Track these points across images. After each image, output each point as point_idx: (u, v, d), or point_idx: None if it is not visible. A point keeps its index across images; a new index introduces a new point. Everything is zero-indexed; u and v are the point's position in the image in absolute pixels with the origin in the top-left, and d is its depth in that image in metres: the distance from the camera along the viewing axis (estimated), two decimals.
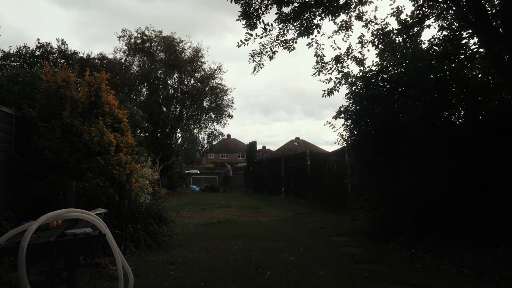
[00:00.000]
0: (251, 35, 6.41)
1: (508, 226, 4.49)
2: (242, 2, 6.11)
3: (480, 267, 4.05)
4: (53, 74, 5.66)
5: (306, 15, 6.31)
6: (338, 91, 6.86)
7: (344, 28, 6.70)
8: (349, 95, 6.61)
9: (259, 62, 6.83)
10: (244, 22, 6.28)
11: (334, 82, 6.80)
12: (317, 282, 3.94)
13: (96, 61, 16.64)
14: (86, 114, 5.62)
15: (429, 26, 6.22)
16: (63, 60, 14.57)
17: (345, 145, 7.33)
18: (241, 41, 6.38)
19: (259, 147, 39.04)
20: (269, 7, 6.23)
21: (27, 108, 5.35)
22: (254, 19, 6.29)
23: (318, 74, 7.06)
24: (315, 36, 6.63)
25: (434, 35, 6.22)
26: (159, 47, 21.67)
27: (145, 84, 20.60)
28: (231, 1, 6.08)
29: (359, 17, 6.52)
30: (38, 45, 15.77)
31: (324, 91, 6.85)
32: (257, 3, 6.16)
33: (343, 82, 6.71)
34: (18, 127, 5.09)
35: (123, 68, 19.40)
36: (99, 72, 6.04)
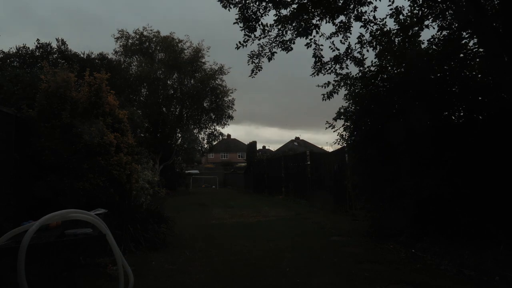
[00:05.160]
0: (250, 36, 6.39)
1: (508, 226, 4.50)
2: (239, 5, 6.07)
3: (480, 267, 4.05)
4: (53, 75, 5.65)
5: (305, 16, 6.29)
6: (337, 93, 6.83)
7: (343, 29, 6.67)
8: (348, 96, 6.61)
9: (257, 64, 6.79)
10: (242, 25, 6.25)
11: (333, 85, 6.76)
12: (317, 282, 3.94)
13: (96, 61, 16.61)
14: (86, 114, 5.61)
15: (428, 26, 6.21)
16: (63, 61, 14.54)
17: (345, 145, 7.33)
18: (240, 42, 6.35)
19: (259, 147, 38.99)
20: (267, 9, 6.20)
21: (26, 109, 5.34)
22: (253, 22, 6.26)
23: (317, 74, 7.03)
24: (314, 36, 6.61)
25: (433, 35, 6.22)
26: (158, 47, 21.67)
27: (145, 85, 20.60)
28: (227, 8, 6.03)
29: (358, 18, 6.49)
30: (38, 45, 15.74)
31: (324, 95, 6.83)
32: (255, 6, 6.13)
33: (342, 84, 6.67)
34: (18, 128, 5.08)
35: (122, 69, 19.39)
36: (99, 72, 6.03)
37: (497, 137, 4.82)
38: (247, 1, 6.08)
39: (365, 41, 6.63)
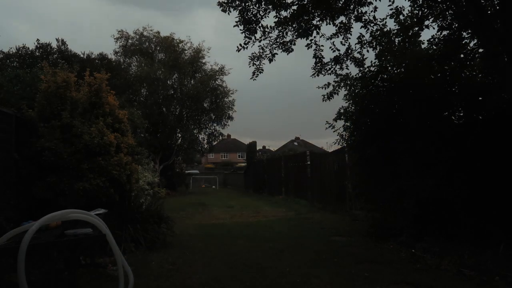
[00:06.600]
0: (250, 38, 6.37)
1: (508, 226, 4.50)
2: (239, 8, 6.06)
3: (480, 267, 4.05)
4: (53, 75, 5.65)
5: (305, 17, 6.28)
6: (337, 94, 6.82)
7: (343, 30, 6.67)
8: (348, 96, 6.61)
9: (258, 66, 6.77)
10: (242, 27, 6.24)
11: (333, 85, 6.76)
12: (318, 282, 3.94)
13: (96, 61, 16.62)
14: (86, 114, 5.61)
15: (428, 26, 6.20)
16: (63, 61, 14.54)
17: (345, 145, 7.34)
18: (240, 45, 6.34)
19: (259, 147, 38.98)
20: (267, 11, 6.19)
21: (26, 109, 5.34)
22: (253, 24, 6.25)
23: (317, 75, 7.02)
24: (314, 37, 6.60)
25: (433, 35, 6.21)
26: (158, 48, 21.67)
27: (145, 85, 20.60)
28: (226, 12, 6.02)
29: (358, 18, 6.49)
30: (38, 45, 15.74)
31: (324, 95, 6.83)
32: (255, 8, 6.12)
33: (342, 84, 6.67)
34: (18, 128, 5.07)
35: (122, 69, 19.40)
36: (99, 73, 6.03)
37: (497, 137, 4.82)
38: (247, 4, 6.07)
39: (365, 41, 6.62)
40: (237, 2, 6.02)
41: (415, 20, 6.14)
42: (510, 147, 4.69)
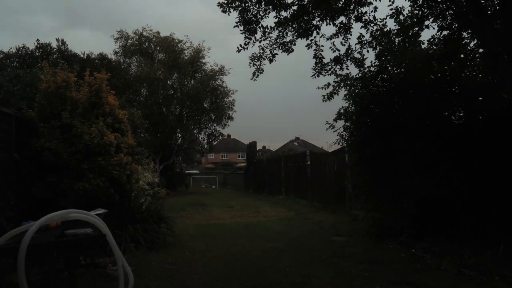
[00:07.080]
0: (250, 39, 6.37)
1: (508, 226, 4.50)
2: (239, 9, 6.05)
3: (480, 267, 4.05)
4: (53, 75, 5.65)
5: (305, 17, 6.28)
6: (337, 94, 6.82)
7: (343, 30, 6.66)
8: (348, 96, 6.61)
9: (258, 66, 6.76)
10: (242, 28, 6.24)
11: (333, 86, 6.76)
12: (317, 282, 3.94)
13: (96, 61, 16.61)
14: (86, 114, 5.61)
15: (428, 26, 6.20)
16: (63, 61, 14.54)
17: (345, 145, 7.34)
18: (240, 45, 6.33)
19: (259, 147, 38.94)
20: (267, 11, 6.19)
21: (26, 109, 5.34)
22: (254, 24, 6.24)
23: (318, 76, 7.02)
24: (314, 37, 6.60)
25: (433, 35, 6.22)
26: (157, 48, 21.66)
27: (144, 85, 20.59)
28: (226, 13, 6.01)
29: (358, 18, 6.49)
30: (38, 45, 15.74)
31: (324, 96, 6.83)
32: (255, 8, 6.12)
33: (342, 85, 6.67)
34: (18, 128, 5.07)
35: (122, 69, 19.39)
36: (99, 73, 6.03)
37: (497, 137, 4.82)
38: (247, 4, 6.07)
39: (365, 41, 6.61)
40: (237, 3, 6.02)
41: (415, 20, 6.14)
42: (510, 147, 4.69)
